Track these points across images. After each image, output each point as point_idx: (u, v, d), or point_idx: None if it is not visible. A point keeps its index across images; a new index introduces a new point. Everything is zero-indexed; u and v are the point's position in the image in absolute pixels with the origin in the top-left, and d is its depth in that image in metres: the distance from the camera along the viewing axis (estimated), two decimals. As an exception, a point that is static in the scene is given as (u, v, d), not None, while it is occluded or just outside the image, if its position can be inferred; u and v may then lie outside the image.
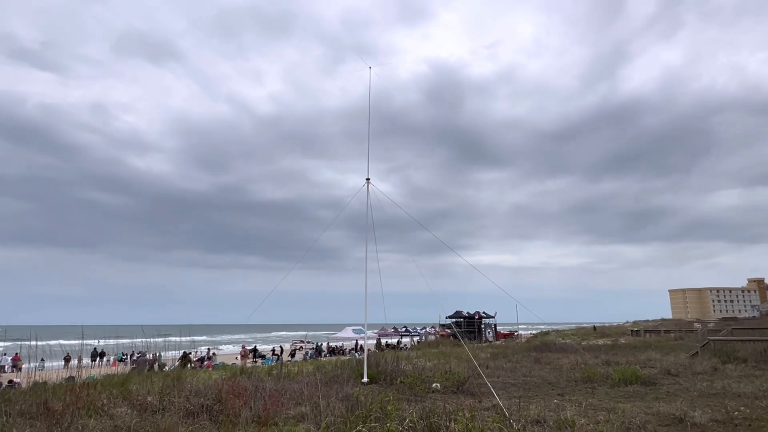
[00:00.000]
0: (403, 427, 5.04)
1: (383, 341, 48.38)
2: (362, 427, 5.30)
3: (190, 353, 20.46)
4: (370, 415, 6.02)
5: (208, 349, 29.98)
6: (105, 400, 8.21)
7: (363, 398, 7.37)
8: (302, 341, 42.77)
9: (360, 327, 44.29)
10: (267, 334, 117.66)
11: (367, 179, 14.48)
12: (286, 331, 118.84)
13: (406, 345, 48.22)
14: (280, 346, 39.18)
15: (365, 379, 13.05)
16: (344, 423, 5.76)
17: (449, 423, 5.31)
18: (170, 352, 22.79)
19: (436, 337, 46.28)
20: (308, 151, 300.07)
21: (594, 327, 63.73)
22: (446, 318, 57.53)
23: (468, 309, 62.23)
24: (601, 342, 31.35)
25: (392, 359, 15.89)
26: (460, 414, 5.63)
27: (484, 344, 39.59)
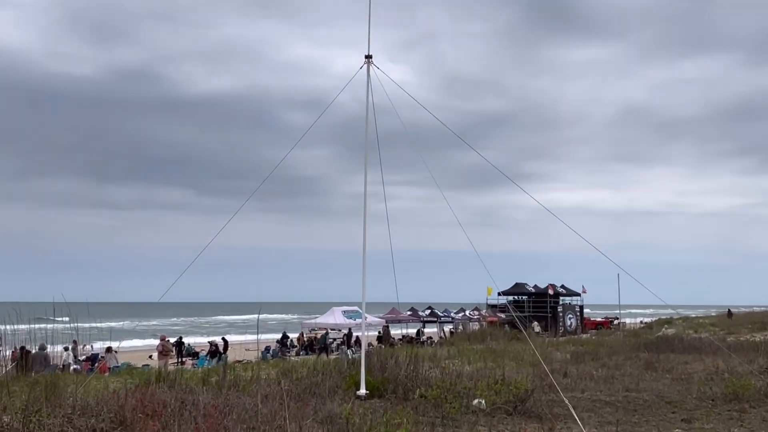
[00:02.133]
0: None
1: (394, 331, 49.87)
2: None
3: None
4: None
5: (108, 347, 31.18)
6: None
7: (357, 420, 7.65)
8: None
9: (355, 308, 45.27)
10: (204, 319, 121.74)
11: (368, 57, 14.30)
12: (238, 313, 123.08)
13: (430, 338, 49.87)
14: (223, 339, 40.68)
15: (362, 391, 13.49)
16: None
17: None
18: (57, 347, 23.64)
19: (482, 326, 47.69)
20: (268, 8, 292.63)
21: (729, 312, 64.83)
22: (499, 295, 58.91)
23: (536, 282, 63.25)
24: (759, 337, 32.03)
25: (407, 359, 16.39)
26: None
27: (561, 338, 40.77)
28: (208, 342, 41.11)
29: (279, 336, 45.54)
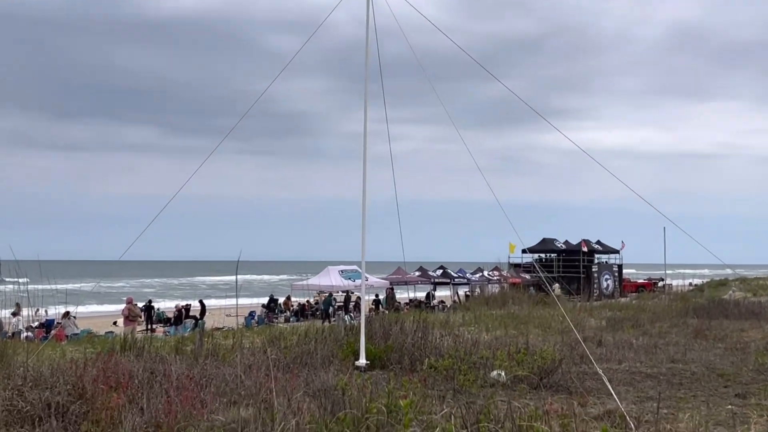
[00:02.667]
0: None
1: (399, 295, 50.17)
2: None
3: None
4: (366, 420, 6.27)
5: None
6: None
7: (355, 392, 7.69)
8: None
9: (354, 268, 45.63)
10: (179, 280, 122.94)
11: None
12: (218, 273, 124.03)
13: (442, 302, 50.29)
14: (200, 302, 41.07)
15: (362, 361, 13.71)
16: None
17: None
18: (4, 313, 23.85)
19: (503, 288, 48.01)
20: None
21: None
22: (523, 253, 59.18)
23: (567, 237, 63.47)
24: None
25: (415, 326, 16.51)
26: (544, 425, 5.85)
27: (595, 302, 41.05)
28: (175, 307, 41.55)
29: (265, 300, 45.95)
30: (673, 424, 8.89)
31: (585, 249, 57.47)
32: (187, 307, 41.35)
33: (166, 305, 49.45)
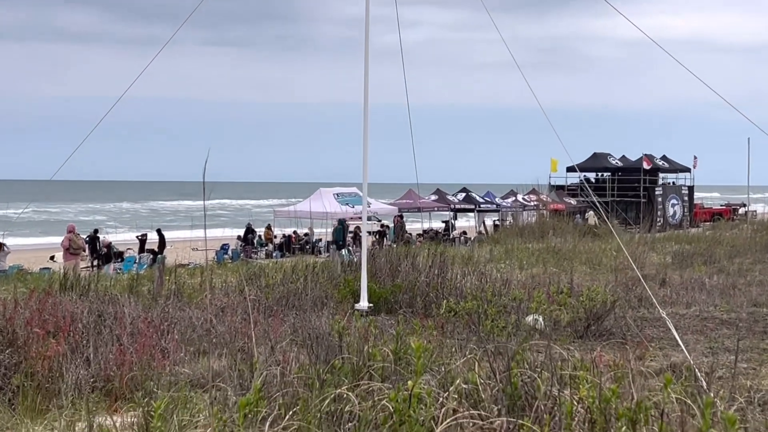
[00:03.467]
0: (449, 398, 5.34)
1: (411, 226, 50.17)
2: (347, 390, 5.68)
3: None
4: (369, 368, 6.34)
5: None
6: None
7: (356, 339, 7.77)
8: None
9: (353, 190, 45.53)
10: (134, 205, 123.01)
11: None
12: (184, 197, 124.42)
13: (464, 233, 50.38)
14: (159, 232, 41.44)
15: (363, 304, 13.98)
16: (307, 384, 6.13)
17: (563, 392, 5.60)
18: None
19: (542, 216, 48.02)
20: None
21: None
22: (568, 171, 58.65)
23: (624, 152, 62.89)
24: None
25: (431, 261, 16.61)
26: (593, 377, 5.90)
27: (659, 233, 41.13)
28: (139, 237, 41.88)
29: (241, 231, 46.19)
30: (754, 380, 8.95)
31: (647, 166, 57.32)
32: (143, 239, 41.66)
33: (117, 237, 49.80)
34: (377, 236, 44.47)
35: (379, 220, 47.59)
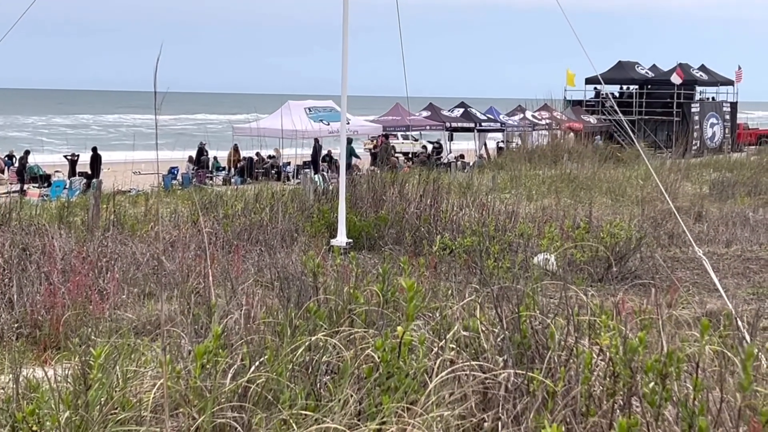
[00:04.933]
0: (445, 348, 5.39)
1: (399, 147, 50.00)
2: (324, 338, 5.72)
3: None
4: (350, 312, 6.39)
5: None
6: None
7: (329, 280, 7.81)
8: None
9: (329, 104, 45.16)
10: (65, 119, 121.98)
11: None
12: (126, 110, 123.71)
13: (462, 156, 50.21)
14: (95, 150, 41.25)
15: (341, 239, 14.03)
16: (276, 331, 6.17)
17: (581, 341, 5.65)
18: None
19: (555, 137, 48.02)
20: None
21: None
22: (587, 84, 58.47)
23: (653, 60, 62.81)
24: None
25: (422, 189, 16.63)
26: (616, 325, 5.95)
27: (694, 158, 41.22)
28: (69, 158, 41.65)
29: (193, 152, 45.96)
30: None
31: (681, 79, 57.18)
32: (74, 159, 41.46)
33: (44, 158, 49.49)
34: (414, 159, 44.39)
35: (416, 139, 47.27)
